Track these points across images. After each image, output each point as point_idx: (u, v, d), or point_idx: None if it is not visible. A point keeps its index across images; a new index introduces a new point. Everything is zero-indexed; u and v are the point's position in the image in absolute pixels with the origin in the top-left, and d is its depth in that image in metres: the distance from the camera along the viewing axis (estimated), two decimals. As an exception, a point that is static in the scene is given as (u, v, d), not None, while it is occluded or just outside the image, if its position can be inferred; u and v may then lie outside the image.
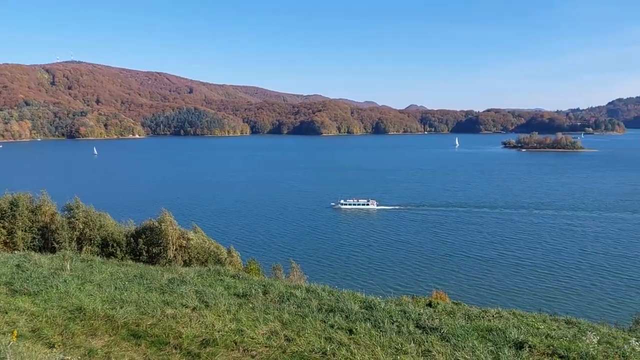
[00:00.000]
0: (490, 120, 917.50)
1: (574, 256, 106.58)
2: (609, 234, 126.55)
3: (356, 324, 16.12)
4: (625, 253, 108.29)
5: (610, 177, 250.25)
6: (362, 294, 21.57)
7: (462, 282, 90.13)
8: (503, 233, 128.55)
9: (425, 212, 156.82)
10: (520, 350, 14.57)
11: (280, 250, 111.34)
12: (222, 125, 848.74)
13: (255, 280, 23.54)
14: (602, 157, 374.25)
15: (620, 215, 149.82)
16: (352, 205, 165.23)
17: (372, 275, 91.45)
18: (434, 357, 13.71)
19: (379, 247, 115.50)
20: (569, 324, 20.58)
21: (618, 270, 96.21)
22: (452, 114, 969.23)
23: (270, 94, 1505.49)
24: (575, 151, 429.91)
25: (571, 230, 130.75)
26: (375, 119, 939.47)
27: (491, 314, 20.67)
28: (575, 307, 75.37)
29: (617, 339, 18.13)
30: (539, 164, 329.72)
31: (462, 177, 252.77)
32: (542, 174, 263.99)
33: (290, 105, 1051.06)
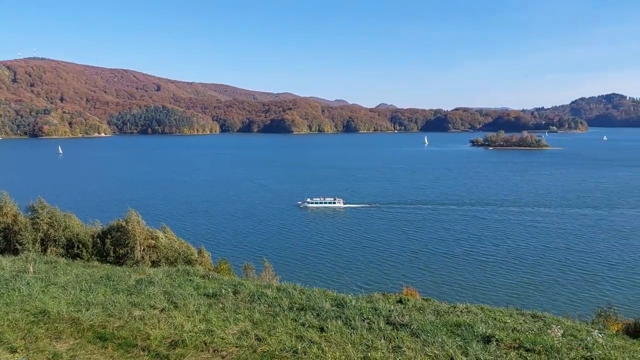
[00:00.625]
0: (458, 119, 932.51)
1: (538, 252, 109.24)
2: (571, 230, 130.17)
3: (327, 322, 16.15)
4: (587, 249, 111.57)
5: (573, 174, 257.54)
6: (333, 291, 21.60)
7: (431, 278, 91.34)
8: (470, 230, 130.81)
9: (394, 210, 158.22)
10: (488, 344, 14.85)
11: (251, 249, 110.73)
12: (191, 124, 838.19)
13: (226, 280, 23.33)
14: (565, 154, 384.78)
15: (581, 211, 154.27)
16: (318, 203, 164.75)
17: (343, 273, 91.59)
18: (404, 353, 13.84)
19: (349, 245, 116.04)
20: (535, 317, 21.09)
21: (580, 266, 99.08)
22: (421, 112, 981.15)
23: (240, 92, 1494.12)
24: (540, 149, 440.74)
25: (535, 227, 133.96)
26: (346, 117, 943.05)
27: (460, 309, 21.01)
28: (541, 301, 77.23)
29: (581, 332, 18.68)
30: (505, 161, 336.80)
31: (431, 175, 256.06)
32: (508, 172, 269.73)
33: (261, 103, 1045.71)
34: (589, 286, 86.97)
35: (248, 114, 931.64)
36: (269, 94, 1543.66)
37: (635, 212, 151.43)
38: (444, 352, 13.83)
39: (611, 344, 17.22)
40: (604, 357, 14.30)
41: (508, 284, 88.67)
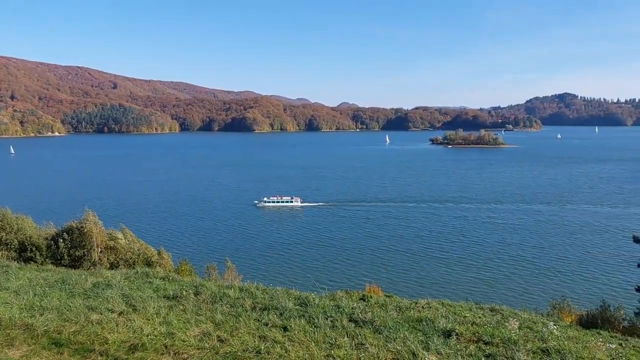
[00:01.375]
0: (418, 117, 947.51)
1: (494, 247, 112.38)
2: (526, 225, 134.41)
3: (290, 321, 16.10)
4: (540, 243, 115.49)
5: (528, 171, 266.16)
6: (296, 291, 21.57)
7: (394, 275, 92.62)
8: (430, 226, 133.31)
9: (355, 208, 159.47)
10: (448, 338, 15.15)
11: (212, 249, 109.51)
12: (150, 122, 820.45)
13: (187, 282, 22.95)
14: (521, 152, 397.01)
15: (536, 207, 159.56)
16: (275, 202, 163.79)
17: (306, 272, 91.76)
18: (367, 349, 13.94)
19: (311, 244, 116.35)
20: (493, 311, 21.65)
21: (534, 260, 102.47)
22: (382, 111, 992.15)
23: (200, 90, 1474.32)
24: (497, 147, 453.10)
25: (492, 223, 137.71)
26: (308, 115, 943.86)
27: (421, 305, 21.36)
28: (499, 295, 79.52)
29: (537, 324, 19.30)
30: (464, 159, 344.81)
31: (391, 174, 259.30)
32: (466, 169, 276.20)
33: (221, 101, 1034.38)
34: (543, 279, 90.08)
35: (209, 112, 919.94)
36: (230, 92, 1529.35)
37: (585, 208, 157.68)
38: (406, 348, 14.00)
39: (565, 335, 17.87)
40: (558, 348, 14.80)
41: (467, 278, 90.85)
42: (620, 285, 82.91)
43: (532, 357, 14.04)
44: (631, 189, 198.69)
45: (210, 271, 52.00)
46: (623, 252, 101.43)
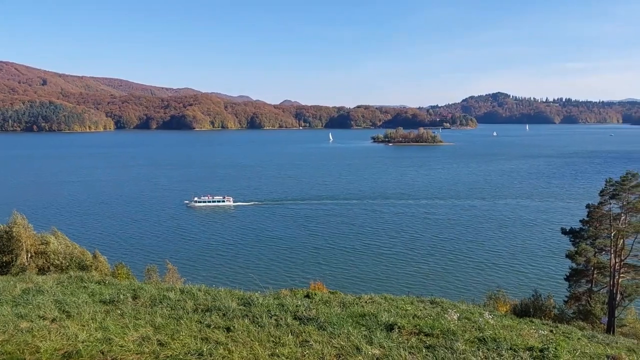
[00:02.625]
0: (360, 116, 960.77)
1: (434, 241, 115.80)
2: (462, 220, 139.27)
3: (234, 322, 15.88)
4: (477, 237, 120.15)
5: (464, 167, 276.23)
6: (240, 290, 21.31)
7: (338, 271, 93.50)
8: (372, 223, 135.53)
9: (297, 206, 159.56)
10: (391, 331, 15.46)
11: (151, 252, 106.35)
12: (82, 120, 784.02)
13: (124, 285, 22.13)
14: (458, 149, 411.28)
15: (471, 202, 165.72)
16: (206, 202, 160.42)
17: (250, 272, 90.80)
18: (311, 346, 13.96)
19: (254, 243, 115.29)
20: (434, 303, 22.32)
21: (472, 253, 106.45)
22: (325, 109, 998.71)
23: (137, 87, 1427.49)
24: (436, 144, 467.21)
25: (430, 218, 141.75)
26: (250, 113, 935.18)
27: (364, 300, 21.69)
28: (439, 288, 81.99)
29: (474, 314, 20.07)
30: (404, 157, 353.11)
31: (334, 171, 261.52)
32: (406, 167, 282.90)
33: (159, 98, 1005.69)
34: (480, 272, 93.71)
35: (146, 110, 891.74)
36: (168, 89, 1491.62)
37: (516, 202, 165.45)
38: (349, 343, 14.15)
39: (501, 324, 18.68)
40: (494, 336, 15.44)
41: (409, 273, 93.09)
42: (550, 275, 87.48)
43: (470, 346, 14.55)
44: (557, 183, 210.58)
45: (151, 273, 50.56)
46: (552, 244, 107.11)
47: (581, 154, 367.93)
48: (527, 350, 14.49)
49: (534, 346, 14.81)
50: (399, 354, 13.58)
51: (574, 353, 14.99)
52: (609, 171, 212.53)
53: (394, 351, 13.80)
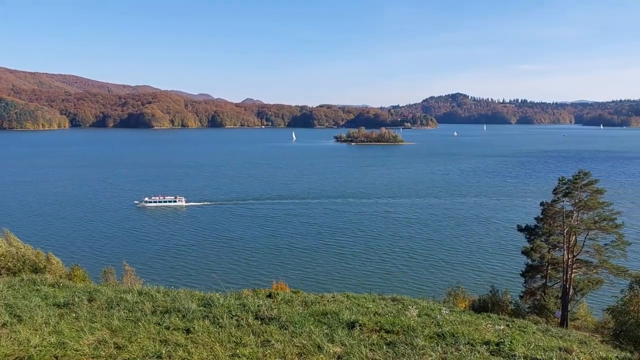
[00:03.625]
0: (323, 115, 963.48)
1: (395, 239, 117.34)
2: (423, 218, 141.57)
3: (194, 323, 15.63)
4: (437, 234, 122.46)
5: (424, 166, 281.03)
6: (200, 291, 21.01)
7: (301, 271, 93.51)
8: (335, 222, 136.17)
9: (258, 206, 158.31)
10: (352, 329, 15.57)
11: (107, 253, 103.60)
12: (35, 118, 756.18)
13: (80, 288, 21.46)
14: (419, 149, 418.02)
15: (430, 201, 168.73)
16: (158, 202, 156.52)
17: (211, 272, 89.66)
18: (273, 346, 13.90)
19: (215, 244, 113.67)
20: (395, 301, 22.63)
21: (432, 250, 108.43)
22: (287, 108, 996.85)
23: (93, 84, 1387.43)
24: (397, 144, 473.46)
25: (392, 217, 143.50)
26: (211, 112, 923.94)
27: (326, 299, 21.77)
28: (401, 285, 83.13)
29: (434, 311, 20.46)
30: (366, 156, 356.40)
31: (296, 170, 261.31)
32: (368, 166, 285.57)
33: (116, 96, 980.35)
34: (441, 269, 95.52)
35: (102, 107, 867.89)
36: (126, 86, 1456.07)
37: (473, 200, 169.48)
38: (311, 342, 14.16)
39: (459, 320, 19.11)
40: (452, 332, 15.77)
41: (372, 271, 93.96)
42: (507, 271, 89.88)
43: (429, 342, 14.81)
44: (513, 182, 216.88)
45: (108, 275, 49.39)
46: (509, 241, 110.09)
47: (536, 153, 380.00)
48: (484, 345, 14.87)
49: (490, 340, 15.21)
50: (359, 352, 13.68)
51: (528, 346, 15.47)
52: (562, 170, 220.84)
53: (355, 349, 13.89)
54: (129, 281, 48.54)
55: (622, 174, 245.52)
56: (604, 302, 53.34)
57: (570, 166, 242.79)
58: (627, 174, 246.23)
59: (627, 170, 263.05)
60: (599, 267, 51.00)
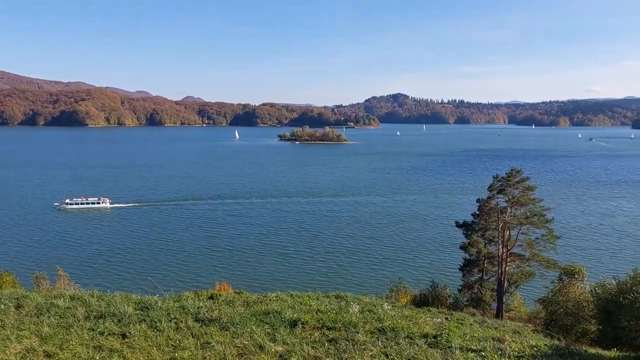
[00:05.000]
0: (266, 114, 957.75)
1: (340, 238, 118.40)
2: (365, 216, 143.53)
3: (130, 327, 15.11)
4: (379, 232, 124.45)
5: (366, 165, 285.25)
6: (137, 295, 20.34)
7: (245, 271, 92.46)
8: (278, 221, 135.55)
9: (197, 206, 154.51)
10: (294, 327, 15.55)
11: (37, 258, 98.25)
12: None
13: (6, 294, 20.23)
14: (362, 148, 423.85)
15: (372, 199, 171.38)
16: (80, 204, 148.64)
17: (149, 275, 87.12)
18: (213, 348, 13.67)
19: (152, 246, 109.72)
20: (339, 298, 22.78)
21: (376, 247, 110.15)
22: (229, 106, 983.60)
23: (21, 80, 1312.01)
24: (341, 143, 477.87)
25: (336, 215, 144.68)
26: (149, 109, 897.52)
27: (270, 298, 21.62)
28: (345, 283, 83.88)
29: (376, 306, 20.74)
30: (310, 155, 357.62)
31: (238, 169, 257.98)
32: (311, 165, 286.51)
33: (47, 92, 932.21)
34: (384, 265, 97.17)
35: (32, 104, 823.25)
36: (58, 82, 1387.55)
37: (414, 198, 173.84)
38: (252, 342, 14.04)
39: (401, 314, 19.47)
40: (392, 326, 16.08)
41: (316, 269, 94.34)
42: (447, 266, 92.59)
43: (370, 337, 15.03)
44: (451, 180, 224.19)
45: (40, 281, 47.11)
46: (448, 237, 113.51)
47: (472, 152, 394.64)
48: (423, 338, 15.27)
49: (429, 333, 15.63)
50: (302, 349, 13.68)
51: (464, 337, 16.01)
52: (496, 168, 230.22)
53: (297, 347, 13.89)
54: (62, 287, 46.45)
55: (551, 171, 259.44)
56: (535, 294, 56.15)
57: (504, 164, 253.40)
58: (554, 171, 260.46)
59: (555, 167, 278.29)
60: (531, 260, 53.45)
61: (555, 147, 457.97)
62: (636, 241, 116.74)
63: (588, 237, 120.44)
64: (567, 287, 44.65)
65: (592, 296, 40.11)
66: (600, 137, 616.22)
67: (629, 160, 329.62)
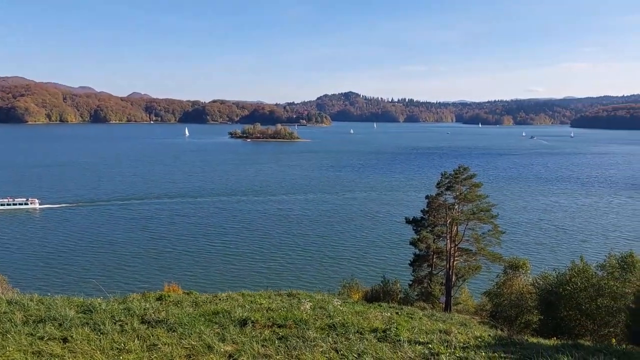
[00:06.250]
0: (216, 111, 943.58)
1: (292, 236, 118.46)
2: (317, 214, 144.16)
3: (72, 331, 14.54)
4: (331, 230, 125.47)
5: (317, 163, 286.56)
6: (80, 297, 19.59)
7: (195, 272, 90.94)
8: (229, 220, 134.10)
9: (142, 206, 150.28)
10: (244, 326, 15.40)
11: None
12: None
13: None
14: (314, 146, 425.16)
15: (324, 197, 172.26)
16: (5, 205, 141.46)
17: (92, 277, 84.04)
18: (159, 349, 13.34)
19: (93, 248, 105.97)
20: (291, 296, 22.75)
21: (328, 245, 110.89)
22: (178, 103, 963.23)
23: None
24: (293, 141, 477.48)
25: (288, 214, 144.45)
26: (93, 106, 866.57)
27: (220, 298, 21.33)
28: (298, 281, 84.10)
29: (328, 303, 20.85)
30: (261, 153, 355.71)
31: (186, 168, 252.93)
32: (263, 163, 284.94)
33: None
34: (337, 263, 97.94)
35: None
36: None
37: (365, 195, 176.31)
38: (201, 342, 13.80)
39: (352, 310, 19.66)
40: (343, 322, 16.20)
41: (269, 268, 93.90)
42: (398, 261, 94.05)
43: (321, 333, 15.08)
44: (401, 177, 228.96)
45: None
46: (398, 233, 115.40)
47: (422, 149, 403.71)
48: (372, 332, 15.47)
49: (378, 328, 15.86)
50: (251, 348, 13.57)
51: (412, 330, 16.35)
52: (444, 165, 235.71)
53: (246, 346, 13.76)
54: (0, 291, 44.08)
55: (495, 168, 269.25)
56: (482, 287, 58.03)
57: (452, 161, 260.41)
58: (499, 168, 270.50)
59: (499, 165, 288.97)
60: (477, 255, 55.29)
61: (499, 145, 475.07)
62: (573, 235, 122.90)
63: (530, 232, 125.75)
64: (511, 280, 46.50)
65: (534, 288, 41.91)
66: (541, 135, 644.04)
67: (567, 157, 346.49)
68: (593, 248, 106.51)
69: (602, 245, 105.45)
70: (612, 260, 36.10)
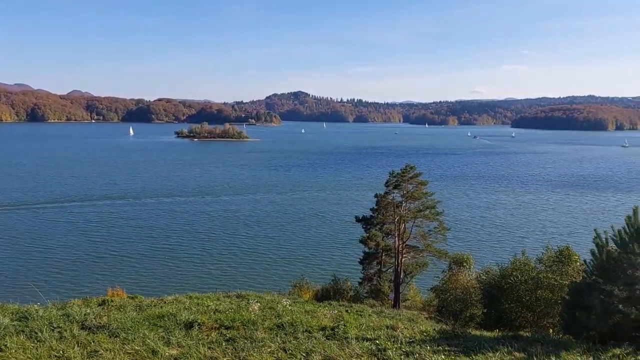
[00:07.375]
0: (162, 109, 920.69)
1: (240, 237, 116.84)
2: (265, 214, 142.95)
3: (6, 340, 13.82)
4: (280, 230, 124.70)
5: (266, 162, 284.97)
6: (15, 304, 18.62)
7: (140, 276, 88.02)
8: (173, 222, 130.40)
9: (80, 209, 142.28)
10: (190, 329, 15.11)
11: None
12: None
13: None
14: (263, 145, 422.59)
15: (271, 197, 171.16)
16: None
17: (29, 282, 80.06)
18: (101, 356, 12.88)
19: (27, 253, 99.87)
20: (240, 297, 22.54)
21: (278, 245, 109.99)
22: (121, 102, 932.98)
23: None
24: (242, 140, 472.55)
25: (235, 215, 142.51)
26: (30, 104, 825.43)
27: (166, 301, 20.84)
28: (247, 282, 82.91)
29: (277, 303, 20.78)
30: (209, 152, 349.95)
31: (129, 168, 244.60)
32: (210, 163, 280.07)
33: None
34: (287, 263, 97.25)
35: None
36: None
37: (314, 195, 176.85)
38: (145, 347, 13.44)
39: (302, 310, 19.66)
40: (291, 321, 16.18)
41: (218, 270, 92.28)
42: (348, 260, 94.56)
43: (269, 334, 15.01)
44: (350, 176, 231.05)
45: None
46: (348, 231, 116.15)
47: (370, 149, 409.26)
48: (321, 331, 15.55)
49: (326, 326, 15.95)
50: (197, 351, 13.34)
51: (360, 327, 16.54)
52: (392, 164, 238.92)
53: (192, 349, 13.52)
54: None
55: (440, 167, 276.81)
56: (429, 283, 59.43)
57: (399, 161, 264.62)
58: (443, 167, 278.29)
59: (444, 164, 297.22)
60: (424, 251, 56.69)
61: (444, 144, 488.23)
62: (513, 232, 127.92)
63: (473, 228, 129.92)
64: (456, 275, 47.95)
65: (478, 282, 43.42)
66: (484, 135, 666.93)
67: (508, 156, 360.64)
68: (532, 243, 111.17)
69: (541, 240, 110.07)
70: (549, 253, 37.92)
